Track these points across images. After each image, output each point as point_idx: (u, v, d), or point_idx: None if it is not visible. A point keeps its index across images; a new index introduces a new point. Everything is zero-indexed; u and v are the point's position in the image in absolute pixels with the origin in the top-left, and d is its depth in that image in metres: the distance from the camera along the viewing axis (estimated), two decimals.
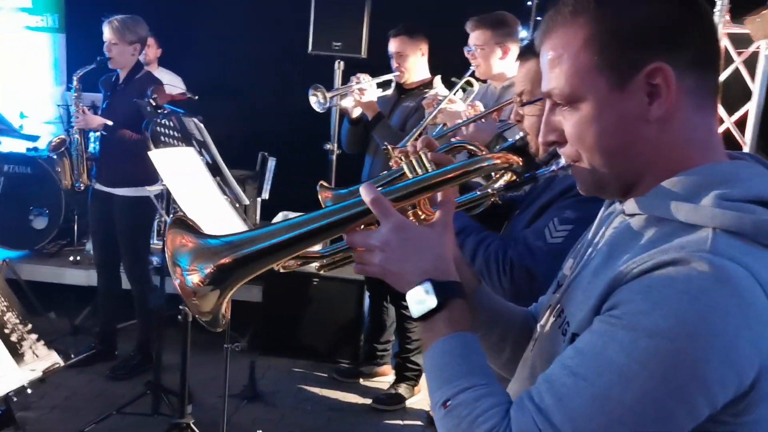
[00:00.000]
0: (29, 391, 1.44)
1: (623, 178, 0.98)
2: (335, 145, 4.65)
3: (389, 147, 2.76)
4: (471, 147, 2.01)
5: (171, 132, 3.35)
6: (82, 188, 4.14)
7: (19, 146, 5.10)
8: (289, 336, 4.50)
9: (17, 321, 1.61)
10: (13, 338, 1.57)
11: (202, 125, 2.86)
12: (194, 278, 1.01)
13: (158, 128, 3.42)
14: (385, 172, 2.13)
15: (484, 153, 2.00)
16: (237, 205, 2.61)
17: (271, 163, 5.13)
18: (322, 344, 4.57)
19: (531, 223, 1.80)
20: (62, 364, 1.60)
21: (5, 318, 1.59)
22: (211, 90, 4.89)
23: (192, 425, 3.24)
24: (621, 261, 0.91)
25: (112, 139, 4.00)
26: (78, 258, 4.97)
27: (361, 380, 4.37)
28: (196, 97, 3.95)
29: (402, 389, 4.10)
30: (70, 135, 4.18)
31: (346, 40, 4.49)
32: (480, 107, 2.70)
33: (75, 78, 4.07)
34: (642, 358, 0.81)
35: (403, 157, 2.00)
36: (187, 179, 2.41)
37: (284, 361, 4.49)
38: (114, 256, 4.26)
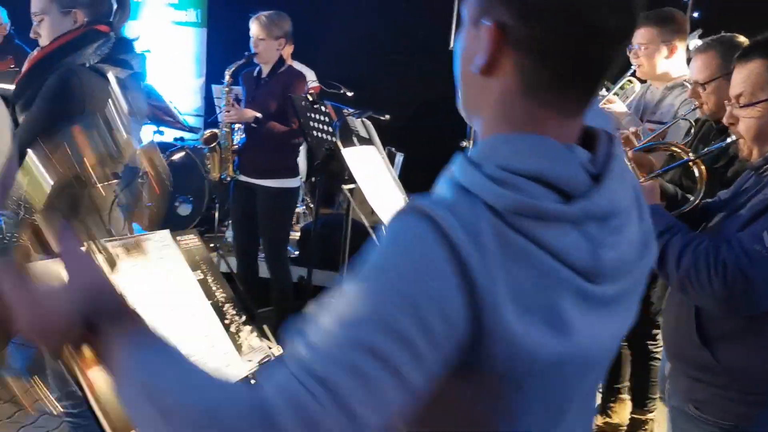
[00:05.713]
0: (253, 381, 1.49)
1: None
2: (471, 142, 4.60)
3: None
4: (676, 149, 1.93)
5: (323, 127, 3.40)
6: (228, 180, 4.28)
7: (167, 135, 5.35)
8: None
9: (234, 312, 1.67)
10: (232, 329, 1.62)
11: (369, 122, 2.89)
12: None
13: (311, 123, 3.47)
14: None
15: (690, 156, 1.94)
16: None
17: (399, 158, 5.14)
18: None
19: (745, 226, 1.70)
20: (274, 355, 1.64)
21: (224, 309, 1.64)
22: (344, 84, 4.93)
23: None
24: None
25: (260, 132, 4.11)
26: (217, 245, 5.16)
27: None
28: (350, 94, 3.98)
29: None
30: (219, 128, 4.33)
31: None
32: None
33: (227, 73, 4.19)
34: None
35: None
36: (374, 177, 2.44)
37: None
38: (254, 246, 4.38)
